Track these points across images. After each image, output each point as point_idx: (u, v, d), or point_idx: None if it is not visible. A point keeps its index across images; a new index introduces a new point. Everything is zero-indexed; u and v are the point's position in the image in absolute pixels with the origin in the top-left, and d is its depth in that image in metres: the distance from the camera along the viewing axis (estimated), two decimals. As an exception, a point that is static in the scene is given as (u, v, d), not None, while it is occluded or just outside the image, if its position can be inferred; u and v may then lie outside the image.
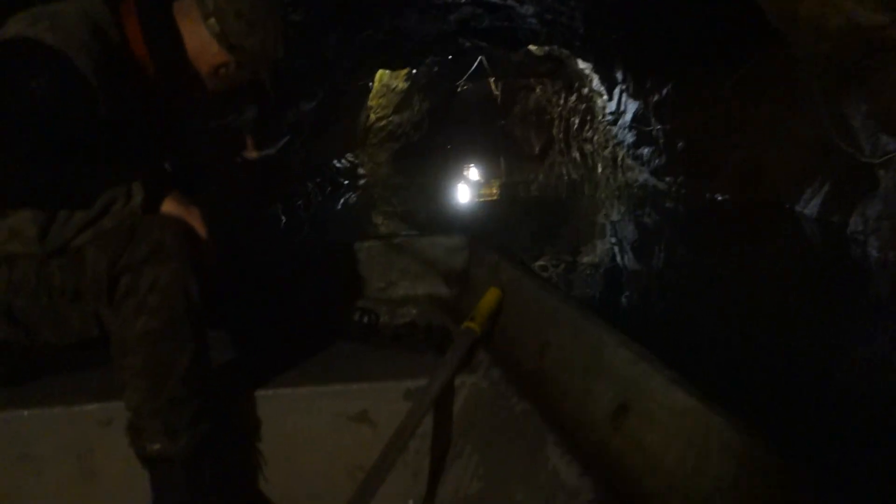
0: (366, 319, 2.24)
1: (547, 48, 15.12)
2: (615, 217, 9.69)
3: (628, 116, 10.15)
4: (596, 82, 12.75)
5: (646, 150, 9.95)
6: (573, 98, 17.82)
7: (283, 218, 8.87)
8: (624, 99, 10.44)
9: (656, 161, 9.64)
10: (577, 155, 16.69)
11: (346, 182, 12.51)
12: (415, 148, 16.73)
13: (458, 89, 22.22)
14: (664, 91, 8.55)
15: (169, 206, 1.53)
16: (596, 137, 15.84)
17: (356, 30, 7.89)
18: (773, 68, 7.13)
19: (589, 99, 16.17)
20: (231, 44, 1.68)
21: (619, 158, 13.16)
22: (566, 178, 14.37)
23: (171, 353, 1.49)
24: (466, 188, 13.46)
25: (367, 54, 9.91)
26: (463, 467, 1.61)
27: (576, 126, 17.55)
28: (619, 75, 9.97)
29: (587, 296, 5.30)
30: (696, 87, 8.05)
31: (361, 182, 13.32)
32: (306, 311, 2.30)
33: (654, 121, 9.14)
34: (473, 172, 15.45)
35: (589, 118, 16.55)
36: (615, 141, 12.86)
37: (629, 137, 10.41)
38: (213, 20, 1.65)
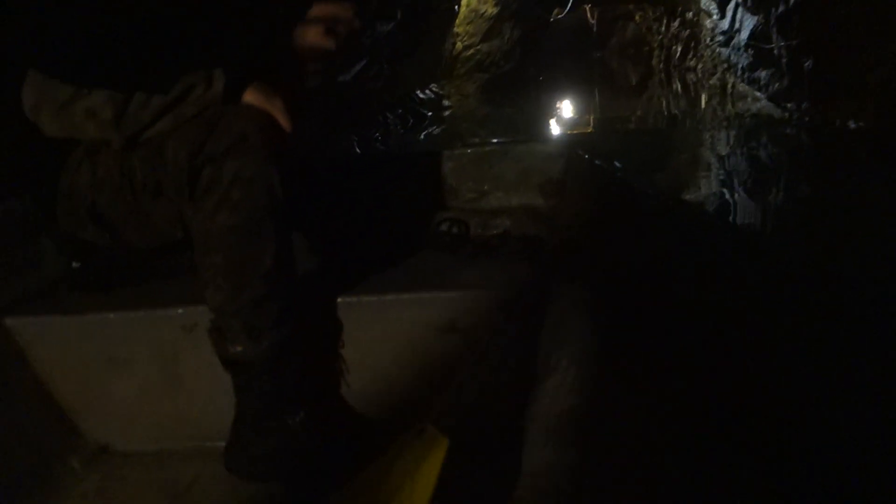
0: (455, 230, 2.18)
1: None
2: (723, 151, 8.81)
3: (744, 34, 8.92)
4: (705, 0, 11.48)
5: (763, 74, 8.75)
6: (676, 24, 16.81)
7: (358, 151, 8.15)
8: (740, 14, 9.22)
9: (776, 85, 8.46)
10: (678, 86, 15.57)
11: (430, 114, 11.76)
12: (504, 79, 15.72)
13: (552, 19, 21.27)
14: (792, 1, 7.35)
15: (251, 96, 1.46)
16: (700, 66, 14.82)
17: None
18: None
19: (694, 23, 15.10)
20: None
21: (730, 86, 11.98)
22: (666, 112, 13.19)
23: (254, 251, 1.44)
24: (558, 123, 12.68)
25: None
26: (558, 383, 1.46)
27: (678, 55, 16.68)
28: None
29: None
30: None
31: (447, 114, 12.57)
32: (394, 220, 2.22)
33: (777, 36, 7.94)
34: (566, 107, 14.66)
35: (693, 44, 15.64)
36: (725, 66, 11.67)
37: (744, 59, 9.21)
38: None
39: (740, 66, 9.42)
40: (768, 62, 8.51)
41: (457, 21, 13.65)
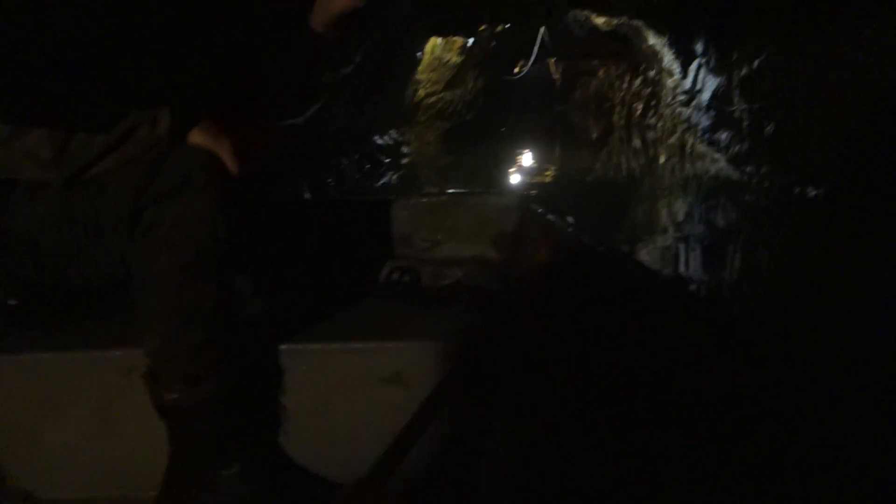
0: (407, 279, 2.18)
1: (615, 22, 14.07)
2: (680, 211, 8.77)
3: (705, 95, 9.03)
4: (668, 59, 11.64)
5: (724, 135, 8.84)
6: (638, 82, 16.99)
7: (308, 196, 7.97)
8: (702, 75, 9.33)
9: (736, 147, 8.54)
10: (638, 143, 15.72)
11: (388, 160, 11.70)
12: (466, 129, 15.77)
13: (517, 70, 21.48)
14: (756, 62, 7.43)
15: (197, 137, 1.43)
16: (660, 124, 14.95)
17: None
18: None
19: (656, 82, 15.28)
20: None
21: (689, 146, 12.11)
22: (625, 168, 13.44)
23: (193, 295, 1.41)
24: (519, 174, 12.79)
25: (413, 9, 8.97)
26: (503, 440, 1.49)
27: (639, 112, 16.80)
28: (700, 46, 8.84)
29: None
30: (799, 55, 6.92)
31: (405, 161, 12.52)
32: (344, 267, 2.22)
33: (739, 99, 8.04)
34: (527, 158, 14.79)
35: (654, 103, 15.77)
36: (685, 126, 11.81)
37: (705, 120, 9.31)
38: None
39: (700, 126, 9.52)
40: (729, 124, 8.61)
41: (420, 68, 13.70)
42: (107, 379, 1.64)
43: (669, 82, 12.28)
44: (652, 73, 15.56)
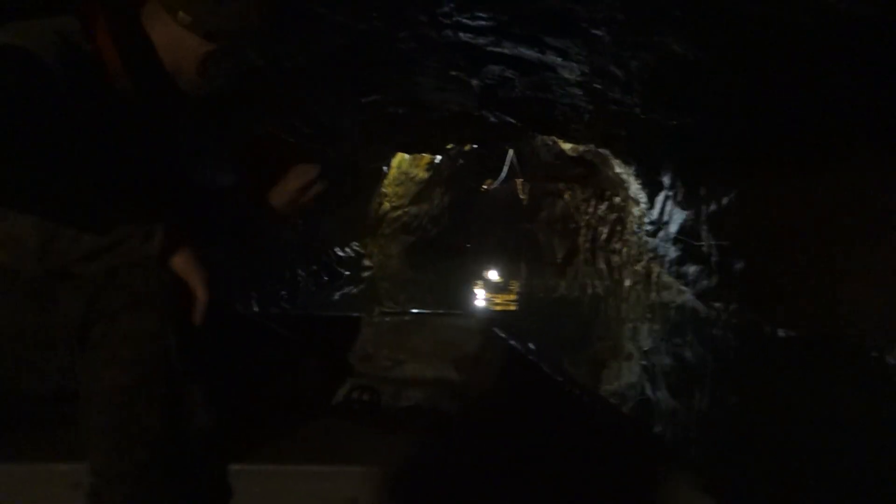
0: (366, 398, 2.13)
1: (582, 148, 14.01)
2: (646, 343, 8.44)
3: (672, 228, 8.73)
4: (634, 188, 11.45)
5: (692, 269, 8.52)
6: (603, 206, 16.95)
7: (256, 309, 7.46)
8: (669, 207, 9.07)
9: (704, 282, 8.21)
10: (603, 266, 15.71)
11: (348, 273, 11.25)
12: (431, 243, 15.49)
13: (484, 188, 21.46)
14: (725, 199, 7.15)
15: (180, 260, 1.40)
16: (626, 250, 14.80)
17: (359, 92, 6.59)
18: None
19: (621, 208, 15.19)
20: (207, 30, 1.59)
21: (655, 275, 11.85)
22: (590, 290, 13.51)
23: (141, 413, 1.35)
24: (483, 291, 12.48)
25: (375, 127, 8.66)
26: None
27: (604, 236, 16.74)
28: (667, 179, 8.59)
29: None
30: (768, 195, 6.65)
31: (366, 274, 12.09)
32: (300, 386, 2.10)
33: (708, 234, 7.75)
34: (493, 274, 14.64)
35: (619, 228, 15.69)
36: (651, 255, 11.56)
37: (672, 252, 9.00)
38: (181, 13, 1.56)
39: (667, 258, 9.21)
40: (697, 258, 8.30)
41: (386, 181, 13.44)
42: (55, 493, 1.52)
43: (635, 210, 12.10)
44: (618, 200, 15.49)
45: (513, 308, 10.76)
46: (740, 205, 6.91)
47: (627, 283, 13.29)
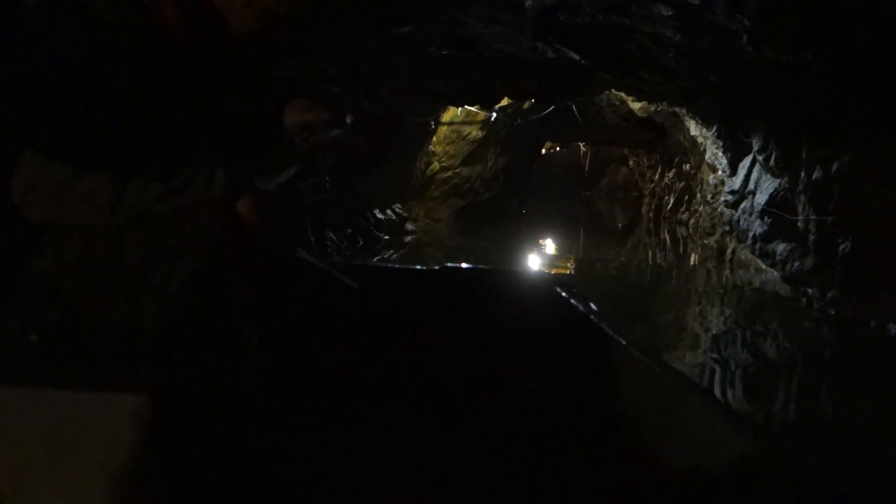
0: None
1: (653, 108, 12.54)
2: (716, 325, 7.32)
3: (760, 198, 7.25)
4: (711, 153, 9.97)
5: (781, 248, 7.08)
6: (671, 174, 15.69)
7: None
8: (756, 174, 7.59)
9: (797, 264, 6.78)
10: (667, 238, 14.61)
11: (387, 238, 10.06)
12: (483, 208, 14.22)
13: (543, 152, 20.16)
14: (835, 165, 5.67)
15: (244, 204, 1.42)
16: (693, 221, 13.46)
17: (389, 20, 5.30)
18: None
19: (692, 177, 13.84)
20: None
21: (730, 251, 10.42)
22: (651, 262, 12.46)
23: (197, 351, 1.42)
24: (539, 260, 11.86)
25: (414, 72, 7.35)
26: None
27: (670, 206, 15.50)
28: (757, 141, 7.09)
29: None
30: (893, 162, 5.19)
31: (408, 239, 10.91)
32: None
33: (807, 207, 6.30)
34: (548, 244, 13.94)
35: (687, 198, 14.43)
36: (727, 228, 10.11)
37: (756, 226, 7.54)
38: None
39: (751, 232, 7.74)
40: (789, 235, 6.85)
41: (435, 139, 12.14)
42: (116, 422, 1.45)
43: (710, 178, 10.65)
44: (687, 167, 14.20)
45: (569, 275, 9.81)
46: (855, 173, 5.45)
47: (694, 257, 12.42)
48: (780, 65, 4.57)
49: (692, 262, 11.82)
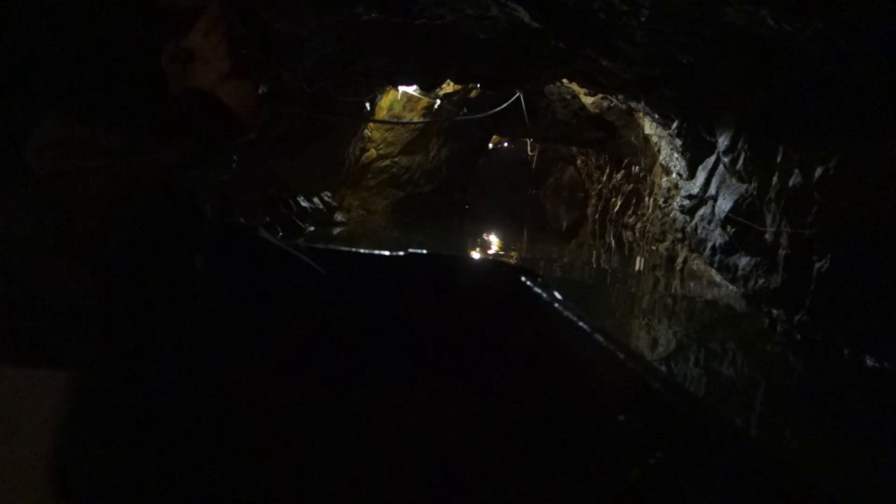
0: None
1: (606, 105, 11.66)
2: (666, 340, 6.54)
3: (724, 204, 6.37)
4: (667, 153, 9.12)
5: (744, 261, 6.21)
6: (619, 175, 14.97)
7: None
8: (718, 178, 6.71)
9: (761, 280, 5.91)
10: (612, 241, 13.95)
11: (312, 229, 8.99)
12: (423, 201, 13.27)
13: (490, 145, 19.31)
14: (818, 170, 4.76)
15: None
16: (641, 225, 12.69)
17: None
18: None
19: (640, 179, 13.07)
20: None
21: (680, 259, 9.60)
22: (594, 265, 11.93)
23: None
24: (479, 257, 10.98)
25: (342, 40, 6.30)
26: None
27: (617, 208, 14.79)
28: (724, 139, 6.20)
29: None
30: (890, 170, 4.29)
31: (337, 231, 9.85)
32: None
33: (779, 218, 5.43)
34: (493, 241, 13.39)
35: (635, 201, 13.69)
36: (679, 235, 9.28)
37: (717, 236, 6.67)
38: None
39: (710, 243, 6.86)
40: (755, 248, 5.99)
41: (372, 124, 11.07)
42: (36, 398, 1.34)
43: (664, 181, 9.82)
44: (637, 169, 13.45)
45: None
46: (842, 179, 4.56)
47: (640, 261, 11.75)
48: (767, 40, 3.65)
49: (637, 268, 11.26)
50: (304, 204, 8.95)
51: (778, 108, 4.98)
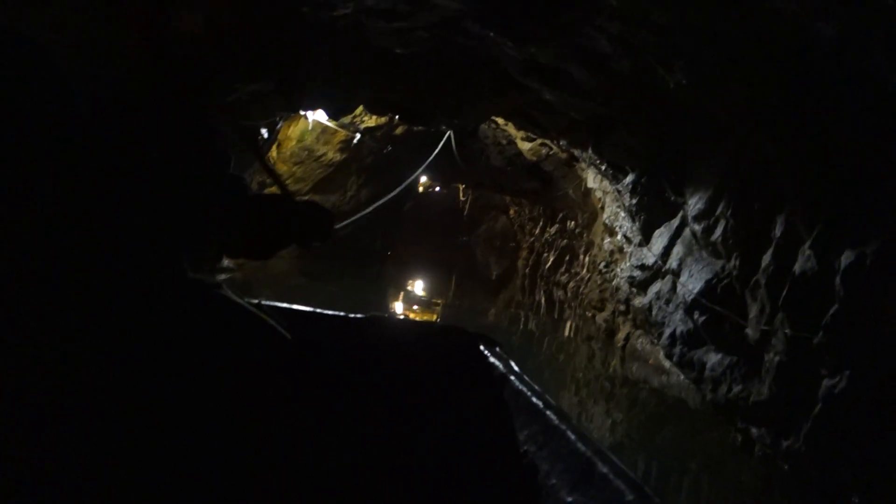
0: None
1: (544, 152, 10.23)
2: (602, 434, 5.50)
3: (692, 284, 4.84)
4: (611, 211, 7.66)
5: (714, 358, 4.68)
6: (553, 229, 13.65)
7: None
8: (682, 248, 5.20)
9: (737, 387, 4.39)
10: (542, 299, 12.92)
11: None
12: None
13: (420, 189, 17.96)
14: (844, 255, 3.23)
15: None
16: (573, 284, 11.28)
17: None
18: None
19: (574, 234, 11.72)
20: None
21: (622, 335, 8.11)
22: (522, 322, 11.61)
23: None
24: (401, 306, 10.76)
25: (229, 45, 4.64)
26: None
27: (549, 264, 13.44)
28: (697, 200, 4.66)
29: None
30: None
31: (222, 277, 8.13)
32: None
33: (770, 309, 3.92)
34: (417, 290, 13.19)
35: (568, 258, 12.33)
36: (622, 308, 7.81)
37: (678, 322, 5.14)
38: None
39: (669, 329, 5.31)
40: (731, 345, 4.48)
41: (276, 155, 9.43)
42: None
43: (606, 243, 8.38)
44: (572, 225, 12.10)
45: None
46: (884, 272, 3.08)
47: (570, 325, 10.45)
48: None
49: (567, 333, 10.41)
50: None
51: (784, 152, 3.48)
